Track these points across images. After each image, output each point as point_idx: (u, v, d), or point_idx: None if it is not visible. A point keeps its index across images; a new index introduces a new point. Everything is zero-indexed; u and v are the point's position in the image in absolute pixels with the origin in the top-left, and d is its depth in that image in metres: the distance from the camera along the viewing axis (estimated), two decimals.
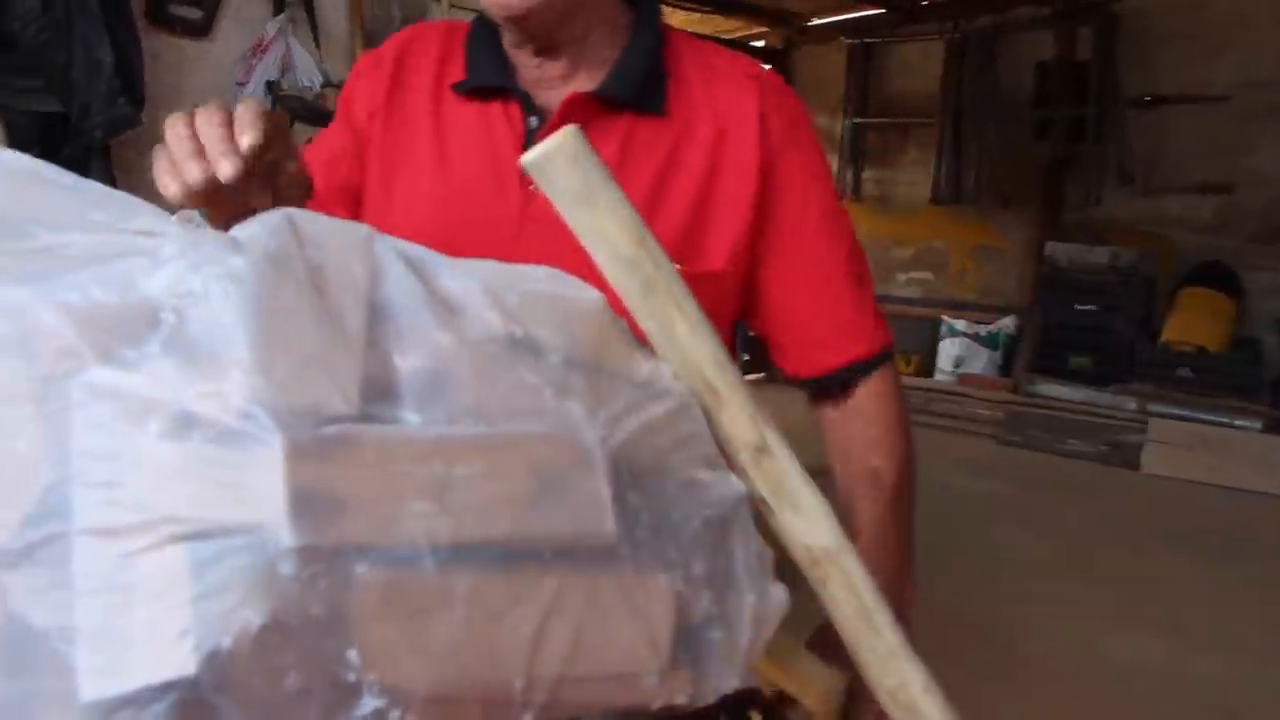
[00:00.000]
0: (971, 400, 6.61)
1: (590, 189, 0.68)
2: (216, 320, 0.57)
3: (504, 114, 1.18)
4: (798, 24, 7.86)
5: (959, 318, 7.16)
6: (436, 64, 1.21)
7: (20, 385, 0.62)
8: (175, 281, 0.60)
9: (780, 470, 0.73)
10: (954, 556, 4.30)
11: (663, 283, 0.70)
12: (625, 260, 0.70)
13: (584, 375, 0.63)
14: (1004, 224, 7.12)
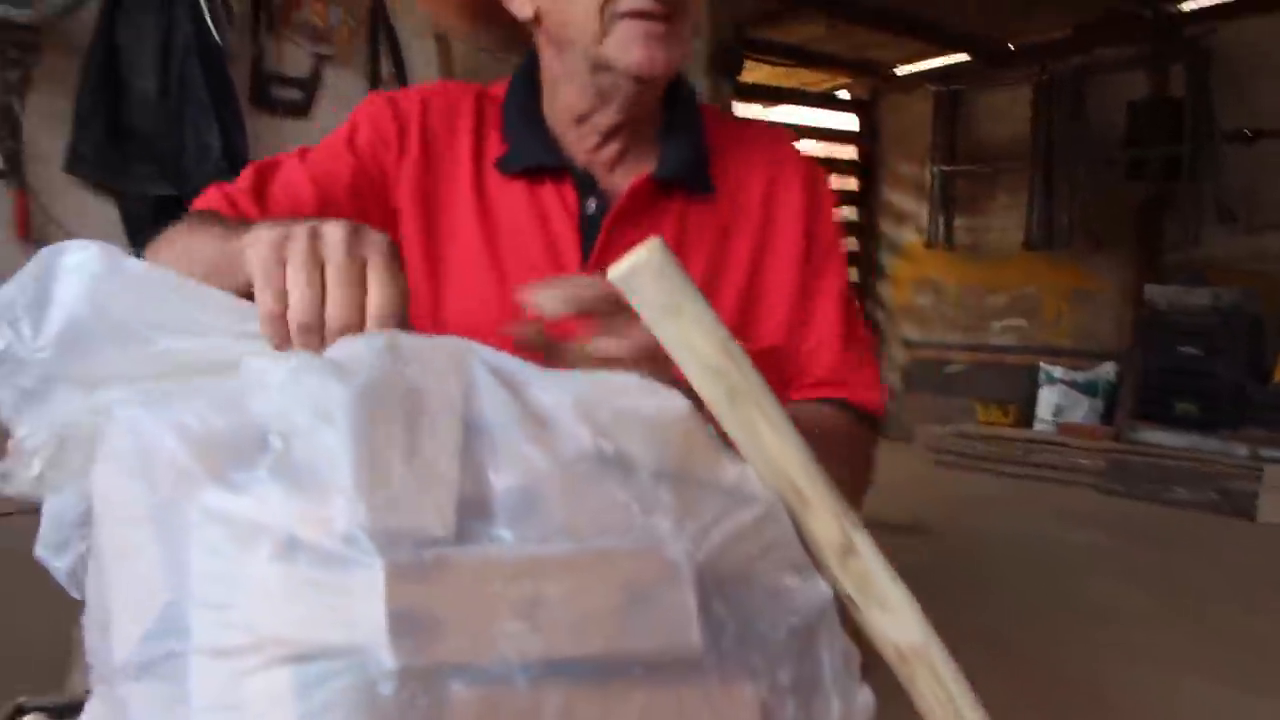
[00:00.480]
0: (1071, 449, 6.47)
1: (676, 301, 0.71)
2: (320, 446, 0.60)
3: (557, 195, 1.18)
4: (883, 73, 7.86)
5: (1056, 364, 7.03)
6: (473, 135, 1.20)
7: (141, 507, 0.66)
8: (282, 407, 0.63)
9: (866, 569, 0.74)
10: (1053, 609, 4.20)
11: (748, 391, 0.72)
12: (711, 370, 0.72)
13: (672, 487, 0.65)
14: (1099, 267, 6.98)
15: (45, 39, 2.56)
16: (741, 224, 1.21)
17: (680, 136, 1.20)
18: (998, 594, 4.42)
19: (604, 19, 1.06)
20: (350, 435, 0.60)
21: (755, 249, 1.21)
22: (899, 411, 7.86)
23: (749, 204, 1.22)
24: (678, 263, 0.71)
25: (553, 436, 0.64)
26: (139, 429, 0.67)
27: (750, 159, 1.23)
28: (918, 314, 7.96)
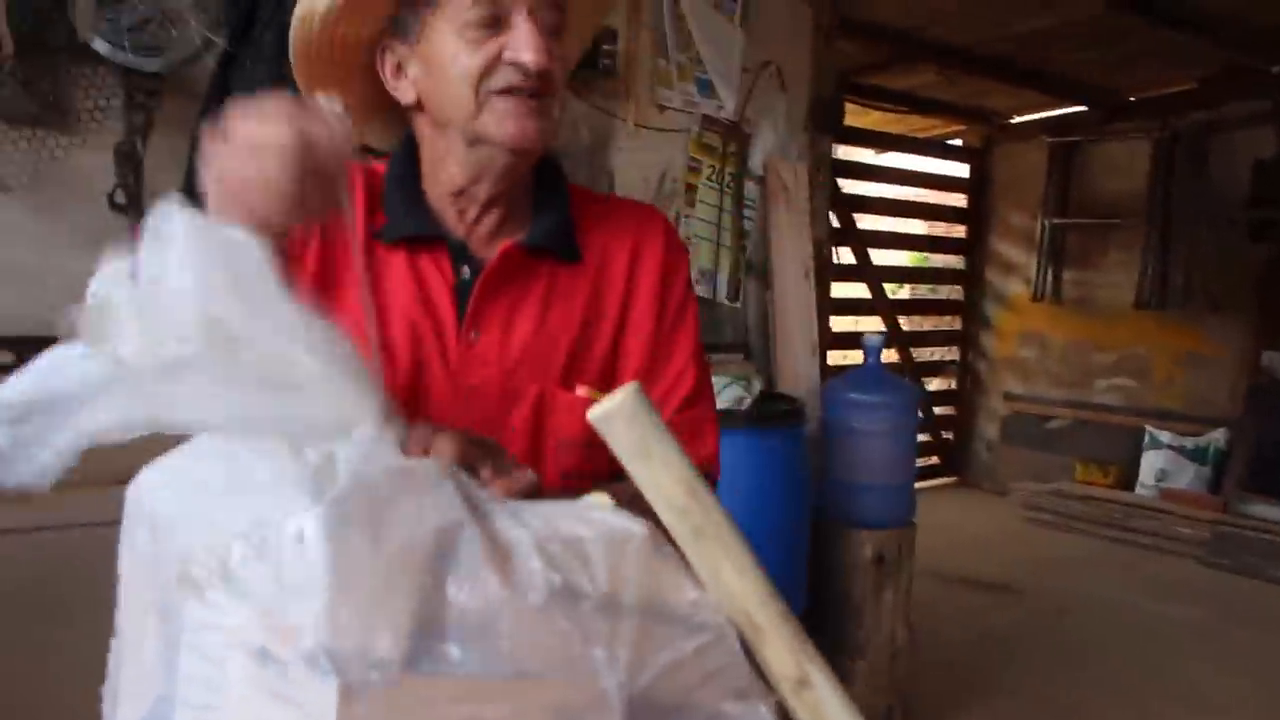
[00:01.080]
0: (1174, 517, 6.28)
1: (646, 444, 0.77)
2: (297, 562, 0.68)
3: (434, 264, 1.27)
4: (997, 122, 7.78)
5: (1164, 429, 6.84)
6: (364, 209, 1.27)
7: (149, 599, 0.74)
8: (264, 517, 0.71)
9: (819, 700, 0.79)
10: (1145, 689, 4.09)
11: (711, 529, 0.78)
12: (677, 509, 0.78)
13: (616, 618, 0.71)
14: (1215, 330, 6.79)
15: (168, 85, 2.73)
16: (607, 288, 1.32)
17: (549, 210, 1.31)
18: (1086, 667, 4.33)
19: (479, 97, 1.16)
20: (323, 555, 0.67)
21: (620, 310, 1.33)
22: (994, 465, 7.74)
23: (614, 271, 1.33)
24: (651, 410, 0.77)
25: (511, 567, 0.70)
26: (156, 524, 0.76)
27: (617, 232, 1.35)
28: (1021, 367, 7.83)
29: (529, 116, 1.17)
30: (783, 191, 4.02)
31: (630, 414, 0.77)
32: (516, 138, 1.17)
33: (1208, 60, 6.31)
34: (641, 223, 1.37)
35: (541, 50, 1.14)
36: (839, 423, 3.78)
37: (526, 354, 1.26)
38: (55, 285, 2.68)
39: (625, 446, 0.78)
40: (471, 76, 1.16)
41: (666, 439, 0.78)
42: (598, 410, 0.78)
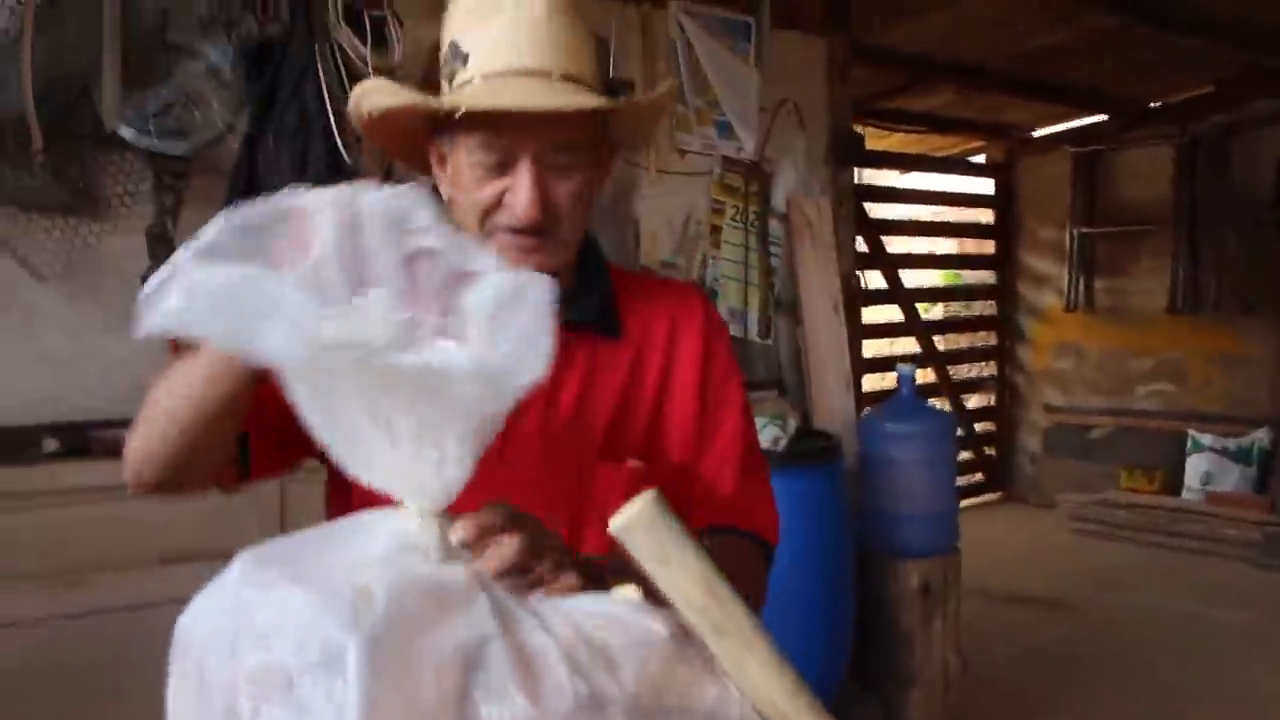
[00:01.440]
0: (1221, 520, 6.22)
1: (665, 551, 0.79)
2: (331, 692, 0.70)
3: None
4: (1018, 136, 7.77)
5: (1206, 431, 6.78)
6: None
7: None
8: (301, 643, 0.73)
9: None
10: (1198, 699, 4.05)
11: (732, 626, 0.80)
12: (697, 609, 0.80)
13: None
14: (1250, 331, 6.73)
15: (194, 166, 2.78)
16: (648, 362, 1.36)
17: (589, 289, 1.35)
18: (1139, 677, 4.29)
19: (484, 228, 1.23)
20: (356, 685, 0.69)
21: (660, 383, 1.36)
22: (1039, 477, 7.68)
23: (654, 346, 1.37)
24: (668, 516, 0.80)
25: (539, 679, 0.73)
26: (206, 651, 0.79)
27: (655, 308, 1.39)
28: (1058, 378, 7.78)
29: (528, 254, 1.22)
30: (807, 228, 4.04)
31: (648, 522, 0.79)
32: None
33: (1225, 63, 6.30)
34: (680, 299, 1.42)
35: (535, 204, 1.19)
36: (877, 454, 3.78)
37: (569, 427, 1.30)
38: (92, 369, 2.74)
39: (645, 553, 0.80)
40: (478, 209, 1.23)
41: (684, 542, 0.80)
42: (617, 521, 0.80)
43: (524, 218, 1.20)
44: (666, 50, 3.79)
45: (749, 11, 4.02)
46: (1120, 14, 5.39)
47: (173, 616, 2.52)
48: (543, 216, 1.21)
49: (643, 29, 3.73)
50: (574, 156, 1.23)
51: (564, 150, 1.22)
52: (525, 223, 1.20)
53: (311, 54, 2.86)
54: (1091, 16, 5.43)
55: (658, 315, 1.38)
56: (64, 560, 2.53)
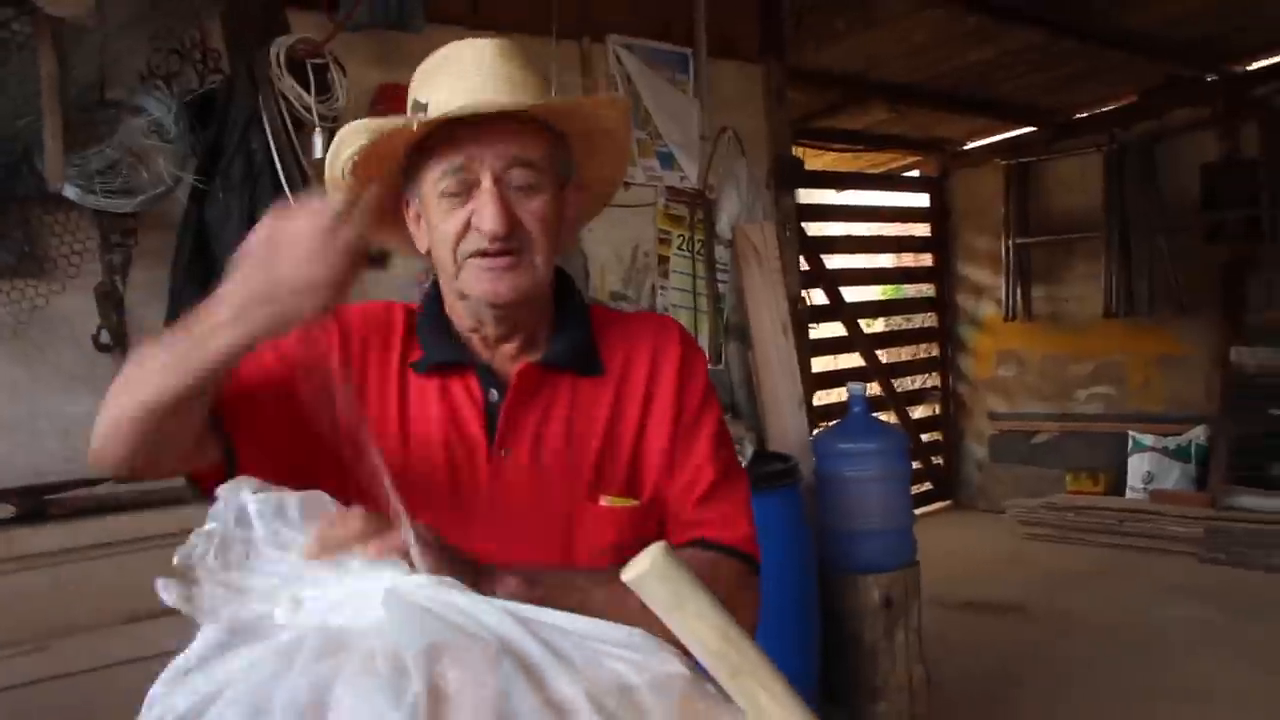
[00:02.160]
0: (1166, 518, 6.35)
1: (679, 598, 0.83)
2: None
3: (464, 388, 1.35)
4: (951, 150, 7.92)
5: (1146, 432, 6.94)
6: (402, 346, 1.38)
7: None
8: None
9: None
10: (1158, 694, 4.12)
11: (747, 667, 0.83)
12: (713, 653, 0.83)
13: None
14: (1184, 332, 6.91)
15: (142, 222, 2.76)
16: (628, 397, 1.38)
17: (568, 329, 1.39)
18: (1104, 678, 4.36)
19: (457, 260, 1.28)
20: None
21: (640, 418, 1.38)
22: (986, 484, 7.81)
23: (635, 382, 1.39)
24: (679, 565, 0.83)
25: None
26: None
27: (634, 343, 1.41)
28: (1001, 386, 7.93)
29: (499, 276, 1.26)
30: (753, 253, 4.09)
31: (660, 573, 0.82)
32: (490, 295, 1.28)
33: (1147, 74, 6.50)
34: (657, 332, 1.44)
35: (499, 216, 1.23)
36: (832, 474, 3.83)
37: (556, 468, 1.32)
38: (47, 430, 2.71)
39: (659, 602, 0.83)
40: (449, 240, 1.27)
41: (697, 590, 0.83)
42: (630, 572, 0.83)
43: (489, 230, 1.23)
44: (606, 84, 3.82)
45: (686, 43, 4.08)
46: (1042, 29, 5.54)
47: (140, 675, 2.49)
48: (509, 231, 1.24)
49: (582, 65, 3.76)
50: (534, 175, 1.27)
51: (522, 167, 1.26)
52: (491, 235, 1.23)
53: (255, 104, 2.85)
54: (1015, 33, 5.57)
55: (637, 351, 1.41)
56: (25, 627, 2.49)
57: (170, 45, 2.80)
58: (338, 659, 0.81)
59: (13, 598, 2.51)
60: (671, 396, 1.39)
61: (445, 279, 1.33)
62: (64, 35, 2.55)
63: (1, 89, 2.47)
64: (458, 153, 1.24)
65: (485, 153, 1.24)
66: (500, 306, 1.29)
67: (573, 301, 1.43)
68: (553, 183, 1.30)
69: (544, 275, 1.32)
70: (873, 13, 5.22)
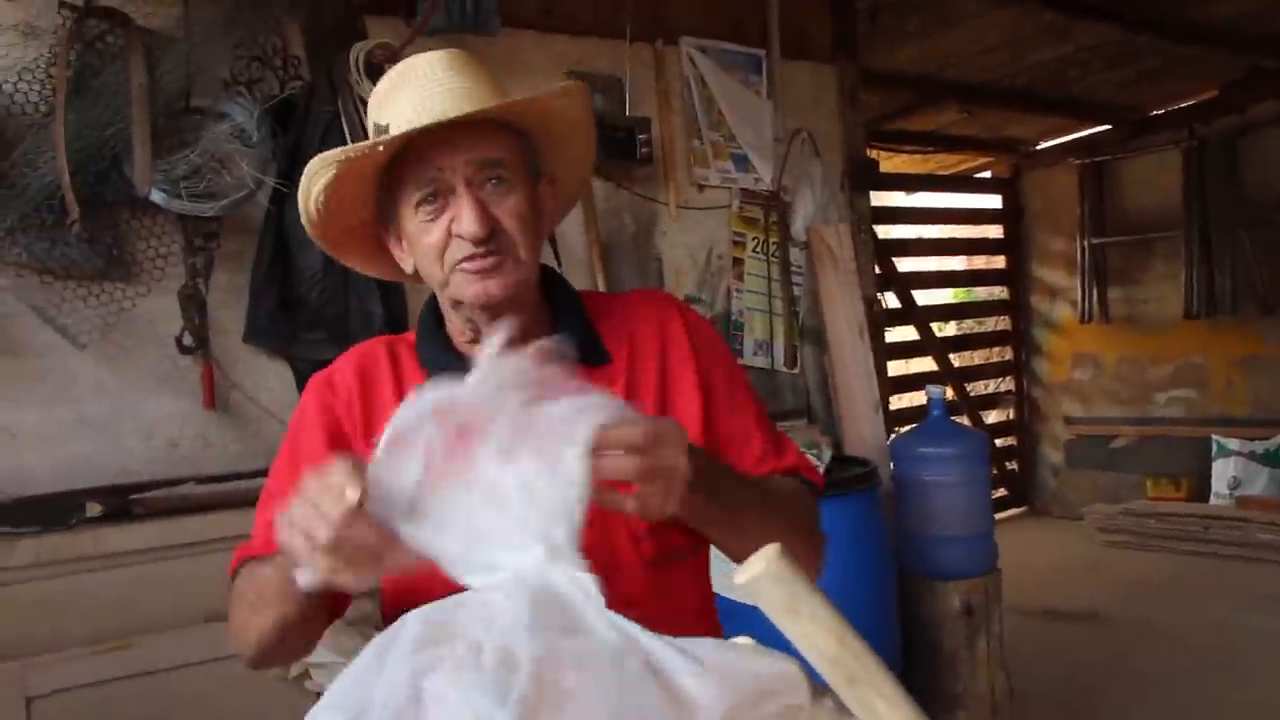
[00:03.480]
0: (1253, 524, 6.17)
1: (794, 602, 0.80)
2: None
3: None
4: (1024, 150, 7.79)
5: (1231, 436, 6.76)
6: (392, 377, 1.40)
7: None
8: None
9: None
10: (1239, 709, 4.00)
11: (863, 673, 0.80)
12: (829, 658, 0.80)
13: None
14: (1269, 331, 6.72)
15: (224, 226, 2.80)
16: (643, 381, 1.40)
17: (566, 322, 1.39)
18: (1186, 690, 4.25)
19: (445, 269, 1.30)
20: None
21: (659, 399, 1.39)
22: (1062, 490, 7.65)
23: (647, 363, 1.41)
24: (794, 568, 0.80)
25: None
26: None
27: (639, 326, 1.43)
28: (1077, 390, 7.77)
29: (486, 277, 1.28)
30: (828, 255, 4.05)
31: (775, 576, 0.80)
32: (481, 297, 1.29)
33: (1227, 68, 6.34)
34: (658, 307, 1.46)
35: (477, 218, 1.25)
36: (912, 478, 3.77)
37: None
38: (130, 431, 2.75)
39: (775, 606, 0.80)
40: (434, 251, 1.30)
41: (813, 593, 0.80)
42: (744, 575, 0.81)
43: (470, 232, 1.25)
44: (680, 87, 3.81)
45: (759, 44, 4.06)
46: (1117, 24, 5.43)
47: (219, 673, 2.51)
48: (489, 231, 1.26)
49: (656, 67, 3.75)
50: (505, 173, 1.29)
51: (492, 168, 1.28)
52: (473, 237, 1.25)
53: (335, 108, 2.88)
54: (1089, 29, 5.46)
55: (642, 331, 1.43)
56: (112, 624, 2.54)
57: (252, 53, 2.84)
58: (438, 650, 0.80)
59: (99, 595, 2.56)
60: (693, 374, 1.41)
61: (438, 291, 1.36)
62: (153, 46, 2.61)
63: (95, 98, 2.53)
64: (428, 166, 1.26)
65: (454, 160, 1.26)
66: (492, 308, 1.30)
67: (564, 294, 1.45)
68: (525, 180, 1.33)
69: (531, 271, 1.34)
70: (945, 12, 5.15)
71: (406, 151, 1.27)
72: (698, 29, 3.89)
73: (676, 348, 1.42)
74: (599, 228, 3.54)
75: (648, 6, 3.71)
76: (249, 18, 2.82)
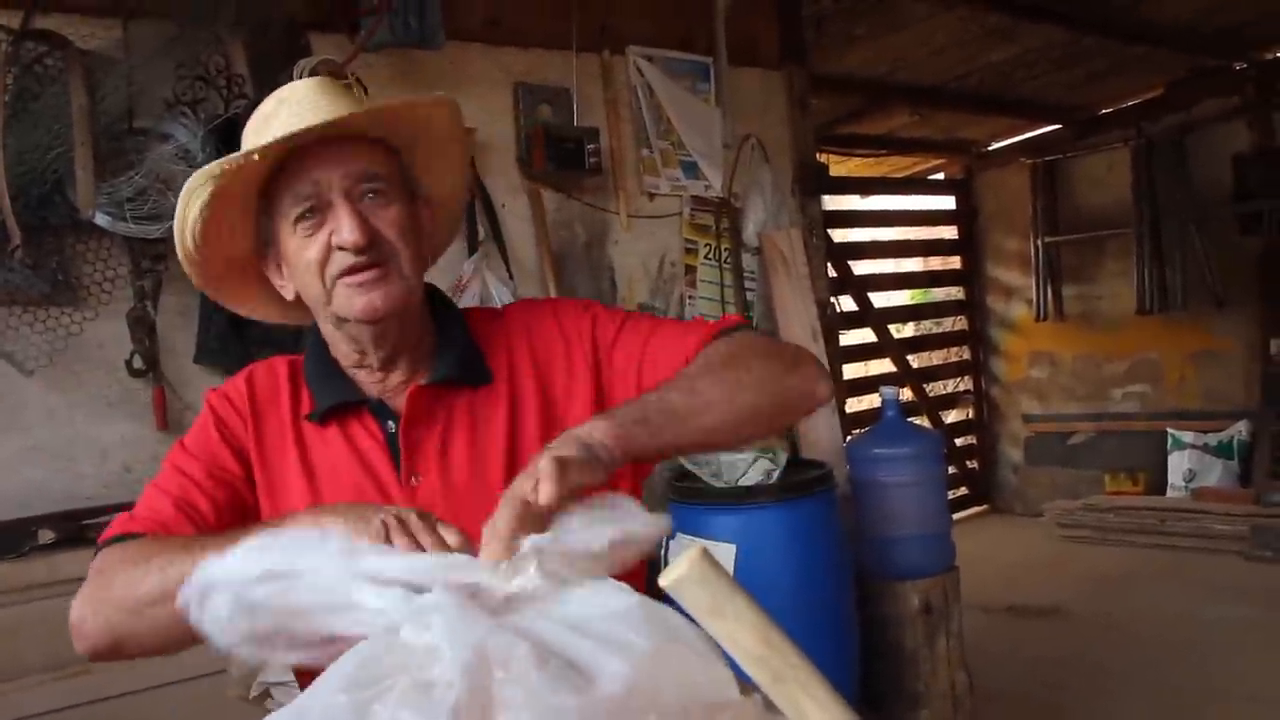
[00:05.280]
0: (1210, 516, 6.24)
1: (717, 603, 0.81)
2: None
3: (362, 427, 1.36)
4: (976, 151, 7.87)
5: (1185, 429, 6.85)
6: (290, 399, 1.38)
7: None
8: None
9: None
10: (1212, 700, 4.05)
11: (789, 672, 0.81)
12: (755, 658, 0.81)
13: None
14: (1221, 326, 6.81)
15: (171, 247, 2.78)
16: (525, 396, 1.37)
17: (449, 343, 1.39)
18: (1149, 682, 4.28)
19: (326, 284, 1.28)
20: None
21: (544, 409, 1.37)
22: (1023, 487, 7.72)
23: (523, 377, 1.38)
24: (718, 569, 0.81)
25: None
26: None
27: (512, 339, 1.41)
28: (1035, 387, 7.85)
29: (370, 289, 1.26)
30: (780, 260, 4.07)
31: (699, 578, 0.81)
32: (365, 311, 1.27)
33: (1171, 67, 6.44)
34: (528, 320, 1.44)
35: (357, 227, 1.24)
36: (868, 479, 3.80)
37: (467, 484, 1.31)
38: (83, 456, 2.73)
39: (699, 607, 0.81)
40: (314, 267, 1.27)
41: (736, 594, 0.82)
42: (668, 578, 0.81)
43: (351, 240, 1.23)
44: (628, 96, 3.83)
45: (706, 52, 4.08)
46: (1063, 26, 5.51)
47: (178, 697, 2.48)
48: (369, 240, 1.25)
49: (603, 77, 3.77)
50: (382, 185, 1.28)
51: (370, 181, 1.27)
52: (354, 245, 1.23)
53: None
54: (1036, 31, 5.54)
55: (516, 344, 1.40)
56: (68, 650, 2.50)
57: (195, 73, 2.83)
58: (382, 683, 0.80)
59: (54, 622, 2.52)
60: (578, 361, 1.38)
61: (319, 310, 1.32)
62: (94, 67, 2.60)
63: (35, 121, 2.52)
64: (304, 180, 1.25)
65: (331, 173, 1.25)
66: (377, 322, 1.29)
67: (448, 314, 1.43)
68: (402, 195, 1.32)
69: (415, 285, 1.33)
70: (893, 16, 5.20)
71: (284, 170, 1.26)
72: (645, 38, 3.91)
73: (552, 350, 1.39)
74: (550, 239, 3.55)
75: (594, 17, 3.73)
76: (191, 37, 2.80)
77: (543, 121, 3.55)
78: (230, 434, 1.37)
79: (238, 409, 1.38)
